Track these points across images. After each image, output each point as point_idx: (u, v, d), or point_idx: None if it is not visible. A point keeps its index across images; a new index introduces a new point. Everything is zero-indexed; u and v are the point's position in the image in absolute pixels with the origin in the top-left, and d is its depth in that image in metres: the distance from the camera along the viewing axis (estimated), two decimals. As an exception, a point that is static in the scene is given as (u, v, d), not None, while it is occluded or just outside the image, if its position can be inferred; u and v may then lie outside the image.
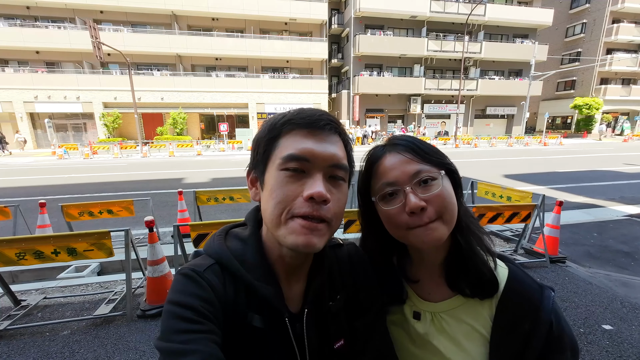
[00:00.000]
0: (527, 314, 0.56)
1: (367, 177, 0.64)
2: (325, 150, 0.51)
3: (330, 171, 0.51)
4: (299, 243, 0.49)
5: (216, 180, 8.53)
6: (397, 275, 0.67)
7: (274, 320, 0.54)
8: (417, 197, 0.56)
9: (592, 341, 2.14)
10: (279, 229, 0.50)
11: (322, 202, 0.49)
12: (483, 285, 0.60)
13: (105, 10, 19.93)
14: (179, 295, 0.48)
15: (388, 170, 0.59)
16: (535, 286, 0.59)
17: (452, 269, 0.63)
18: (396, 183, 0.58)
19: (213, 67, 22.79)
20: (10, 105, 19.25)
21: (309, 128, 0.51)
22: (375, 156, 0.63)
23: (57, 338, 2.22)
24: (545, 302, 0.56)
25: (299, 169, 0.50)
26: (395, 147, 0.61)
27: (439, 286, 0.65)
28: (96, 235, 2.31)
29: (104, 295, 2.80)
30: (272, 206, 0.50)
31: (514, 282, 0.60)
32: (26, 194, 6.85)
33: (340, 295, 0.62)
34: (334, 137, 0.53)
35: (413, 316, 0.66)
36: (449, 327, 0.62)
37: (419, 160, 0.58)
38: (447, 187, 0.58)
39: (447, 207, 0.57)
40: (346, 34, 25.00)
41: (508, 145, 20.21)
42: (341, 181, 0.54)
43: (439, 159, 0.59)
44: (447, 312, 0.63)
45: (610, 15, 26.57)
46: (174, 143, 17.71)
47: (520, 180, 8.15)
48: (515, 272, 0.62)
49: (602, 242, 4.04)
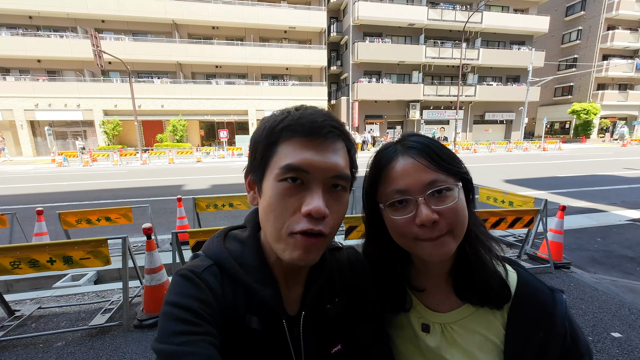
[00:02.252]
0: (541, 322, 0.53)
1: (374, 181, 0.59)
2: (326, 161, 0.48)
3: (331, 182, 0.49)
4: (294, 258, 0.48)
5: (216, 187, 8.49)
6: (400, 282, 0.64)
7: (271, 322, 0.53)
8: (429, 210, 0.52)
9: (602, 349, 2.08)
10: (278, 243, 0.50)
11: (321, 218, 0.47)
12: (493, 294, 0.56)
13: (106, 19, 20.16)
14: (177, 296, 0.48)
15: (399, 177, 0.54)
16: (547, 290, 0.56)
17: (459, 278, 0.59)
18: (408, 192, 0.53)
19: (213, 75, 22.97)
20: (11, 113, 19.31)
21: (309, 136, 0.48)
22: (385, 158, 0.58)
23: (50, 349, 2.16)
24: (558, 308, 0.53)
25: (298, 180, 0.48)
26: (408, 151, 0.56)
27: (447, 295, 0.61)
28: (93, 243, 2.27)
29: (100, 304, 2.74)
30: (272, 220, 0.49)
31: (524, 287, 0.57)
32: (24, 202, 6.80)
33: (339, 298, 0.61)
34: (336, 144, 0.50)
35: (422, 329, 0.62)
36: (460, 339, 0.58)
37: (434, 168, 0.53)
38: (462, 199, 0.54)
39: (459, 221, 0.53)
40: (345, 42, 25.28)
41: (507, 150, 20.24)
42: (342, 191, 0.51)
43: (456, 168, 0.55)
44: (457, 322, 0.59)
45: (605, 22, 26.95)
46: (173, 150, 17.72)
47: (520, 185, 8.12)
48: (525, 276, 0.59)
49: (607, 247, 3.99)
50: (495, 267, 0.58)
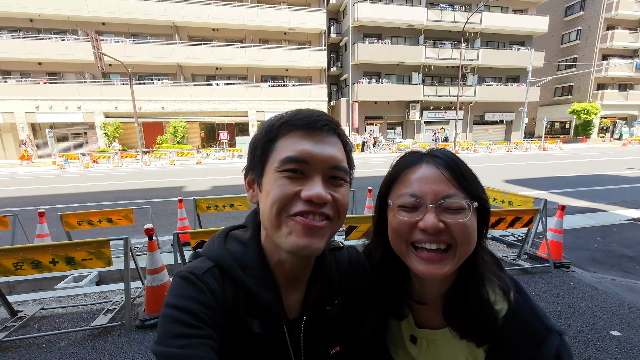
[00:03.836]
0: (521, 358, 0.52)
1: (392, 181, 0.58)
2: (324, 152, 0.49)
3: (330, 172, 0.50)
4: (299, 245, 0.47)
5: (216, 188, 8.51)
6: (398, 290, 0.63)
7: (272, 326, 0.53)
8: (436, 217, 0.50)
9: (601, 348, 2.09)
10: (278, 230, 0.49)
11: (322, 204, 0.48)
12: (478, 334, 0.55)
13: (107, 22, 20.24)
14: (178, 298, 0.47)
15: (417, 181, 0.53)
16: (540, 329, 0.52)
17: (451, 305, 0.58)
18: (421, 197, 0.52)
19: (213, 77, 23.02)
20: (12, 116, 19.35)
21: (306, 129, 0.49)
22: (408, 161, 0.57)
23: (53, 350, 2.17)
24: (544, 352, 0.50)
25: (298, 171, 0.48)
26: (434, 160, 0.55)
27: (438, 313, 0.60)
28: (95, 244, 2.29)
29: (102, 305, 2.75)
30: (269, 206, 0.49)
31: (511, 323, 0.53)
32: (25, 204, 6.82)
33: (338, 300, 0.60)
34: (332, 139, 0.52)
35: (410, 339, 0.63)
36: (444, 357, 0.60)
37: (455, 184, 0.52)
38: (473, 222, 0.53)
39: (464, 240, 0.51)
40: (345, 43, 25.32)
41: (507, 150, 20.24)
42: (342, 181, 0.52)
43: (475, 190, 0.53)
44: (443, 340, 0.60)
45: (604, 22, 26.97)
46: (174, 152, 17.75)
47: (520, 185, 8.13)
48: (516, 310, 0.54)
49: (606, 247, 4.00)
50: (492, 306, 0.54)
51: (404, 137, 26.08)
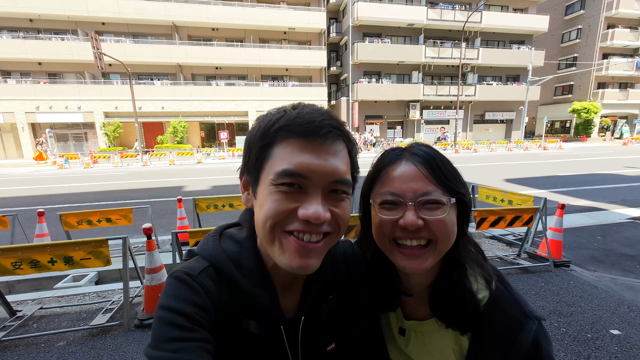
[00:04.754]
0: (500, 345, 0.53)
1: (373, 179, 0.59)
2: (326, 164, 0.45)
3: (331, 186, 0.46)
4: (292, 265, 0.46)
5: (216, 188, 8.50)
6: (388, 281, 0.64)
7: (269, 326, 0.52)
8: (416, 215, 0.52)
9: (601, 347, 2.08)
10: (271, 244, 0.47)
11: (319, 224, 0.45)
12: (461, 322, 0.57)
13: (107, 22, 20.23)
14: (172, 300, 0.46)
15: (396, 179, 0.55)
16: (519, 316, 0.54)
17: (436, 296, 0.60)
18: (400, 195, 0.53)
19: (213, 76, 23.01)
20: (12, 116, 19.37)
21: (307, 137, 0.44)
22: (388, 160, 0.58)
23: (52, 349, 2.17)
24: (522, 335, 0.52)
25: (295, 185, 0.45)
26: (413, 157, 0.56)
27: (424, 304, 0.62)
28: (93, 243, 2.28)
29: (101, 304, 2.75)
30: (262, 220, 0.46)
31: (492, 312, 0.55)
32: (25, 204, 6.82)
33: (333, 295, 0.59)
34: (337, 146, 0.47)
35: (399, 331, 0.65)
36: (431, 346, 0.61)
37: (433, 180, 0.53)
38: (452, 217, 0.54)
39: (443, 236, 0.53)
40: (344, 42, 25.30)
41: (508, 149, 20.22)
42: (343, 194, 0.48)
43: (454, 186, 0.54)
44: (430, 331, 0.61)
45: (605, 21, 26.92)
46: (174, 151, 17.75)
47: (521, 184, 8.12)
48: (497, 298, 0.56)
49: (606, 246, 3.99)
50: (475, 295, 0.56)
51: (404, 136, 26.08)
